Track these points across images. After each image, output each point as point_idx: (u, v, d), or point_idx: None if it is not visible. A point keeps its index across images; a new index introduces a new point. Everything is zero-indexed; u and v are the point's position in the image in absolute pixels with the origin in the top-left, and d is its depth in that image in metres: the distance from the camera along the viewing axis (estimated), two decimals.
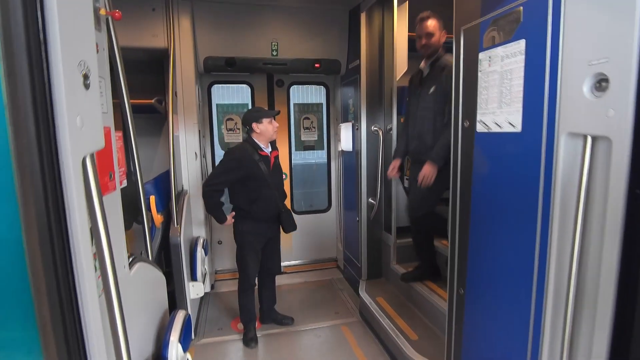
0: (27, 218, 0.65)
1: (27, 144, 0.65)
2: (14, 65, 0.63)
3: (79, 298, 0.77)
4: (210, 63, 3.63)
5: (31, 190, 0.66)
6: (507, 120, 1.68)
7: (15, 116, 0.63)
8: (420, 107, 2.85)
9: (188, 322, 2.00)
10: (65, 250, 0.74)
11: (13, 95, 0.63)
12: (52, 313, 0.69)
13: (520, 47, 1.58)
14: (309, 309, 3.72)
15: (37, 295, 0.67)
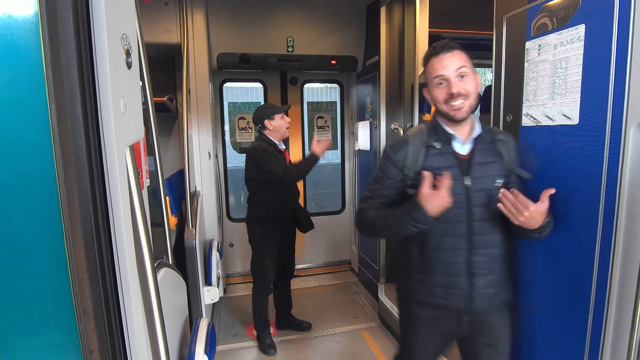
0: (71, 217, 0.52)
1: (71, 128, 0.52)
2: (58, 27, 0.50)
3: (122, 303, 0.64)
4: (223, 59, 3.52)
5: (76, 185, 0.53)
6: (561, 112, 1.55)
7: (58, 93, 0.51)
8: None
9: (212, 331, 1.87)
10: (108, 253, 0.61)
11: (55, 64, 0.50)
12: (96, 317, 0.56)
13: (579, 33, 1.45)
14: (326, 313, 3.59)
15: (80, 296, 0.54)
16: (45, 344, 0.56)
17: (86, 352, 0.55)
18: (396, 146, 1.57)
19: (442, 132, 1.53)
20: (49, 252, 0.53)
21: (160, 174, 1.82)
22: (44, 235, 0.53)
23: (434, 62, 1.47)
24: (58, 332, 0.56)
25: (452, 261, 1.50)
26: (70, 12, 0.50)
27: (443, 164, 1.49)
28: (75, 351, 0.56)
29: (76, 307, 0.54)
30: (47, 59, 0.50)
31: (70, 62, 0.51)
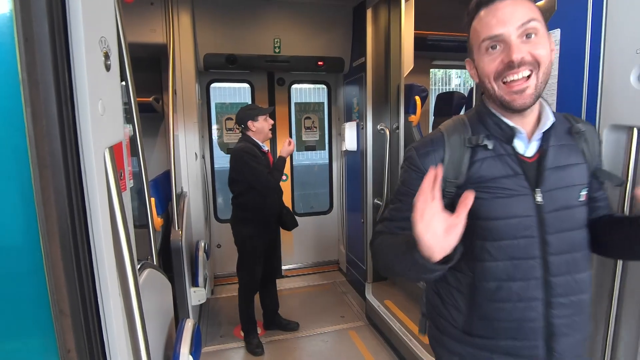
0: (47, 217, 0.53)
1: (47, 129, 0.53)
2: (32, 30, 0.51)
3: (100, 303, 0.65)
4: (210, 60, 3.50)
5: (52, 185, 0.54)
6: None
7: (33, 95, 0.51)
8: None
9: (197, 332, 1.87)
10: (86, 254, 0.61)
11: (30, 67, 0.51)
12: (73, 316, 0.57)
13: (555, 37, 1.50)
14: (314, 313, 3.60)
15: (57, 295, 0.55)
16: (21, 344, 0.56)
17: (63, 352, 0.55)
18: (425, 147, 1.05)
19: (495, 124, 1.01)
20: (24, 252, 0.54)
21: (144, 175, 1.82)
22: (19, 235, 0.54)
23: (484, 15, 0.94)
24: (35, 333, 0.56)
25: (522, 318, 0.98)
26: (46, 14, 0.51)
27: (500, 172, 0.98)
28: (52, 351, 0.56)
29: (53, 307, 0.55)
30: (22, 60, 0.50)
31: (45, 65, 0.51)
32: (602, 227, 1.05)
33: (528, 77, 0.92)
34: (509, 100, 0.95)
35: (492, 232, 0.98)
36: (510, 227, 0.97)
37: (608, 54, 1.30)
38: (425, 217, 0.77)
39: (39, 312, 0.55)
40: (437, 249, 0.78)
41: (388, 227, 1.08)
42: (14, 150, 0.52)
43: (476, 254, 1.00)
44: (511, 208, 0.97)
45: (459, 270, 1.04)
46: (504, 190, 0.97)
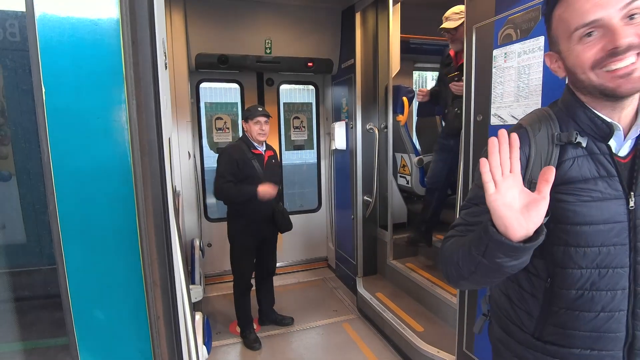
0: (146, 198, 0.61)
1: (147, 121, 0.60)
2: (137, 34, 0.59)
3: (175, 274, 0.73)
4: (202, 60, 3.53)
5: (149, 170, 0.61)
6: (525, 112, 1.74)
7: (138, 91, 0.59)
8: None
9: (207, 324, 1.94)
10: (169, 232, 0.69)
11: (136, 66, 0.59)
12: (162, 287, 0.64)
13: (539, 44, 1.66)
14: (307, 308, 3.69)
15: (151, 273, 0.62)
16: (117, 311, 0.63)
17: (154, 318, 0.63)
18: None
19: (589, 119, 0.90)
20: (124, 230, 0.61)
21: None
22: (119, 215, 0.61)
23: (573, 1, 0.83)
24: (128, 301, 0.63)
25: (604, 328, 0.91)
26: (147, 20, 0.58)
27: (592, 173, 0.89)
28: (143, 318, 0.64)
29: (146, 279, 0.62)
30: (127, 60, 0.57)
31: (146, 65, 0.59)
32: None
33: (636, 60, 0.80)
34: (613, 87, 0.82)
35: (578, 238, 0.89)
36: (599, 233, 0.88)
37: None
38: (501, 189, 0.74)
39: (133, 283, 0.62)
40: (514, 223, 0.75)
41: (460, 231, 0.99)
42: (116, 140, 0.60)
43: (558, 260, 0.92)
44: (602, 213, 0.87)
45: (534, 274, 0.98)
46: (595, 194, 0.88)
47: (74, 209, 0.60)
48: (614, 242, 0.88)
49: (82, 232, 0.60)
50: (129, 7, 0.56)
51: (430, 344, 2.63)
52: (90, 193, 0.59)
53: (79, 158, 0.59)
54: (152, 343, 0.64)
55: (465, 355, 2.30)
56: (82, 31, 0.56)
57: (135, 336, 0.65)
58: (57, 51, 0.56)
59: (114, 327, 0.64)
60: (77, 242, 0.61)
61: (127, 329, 0.65)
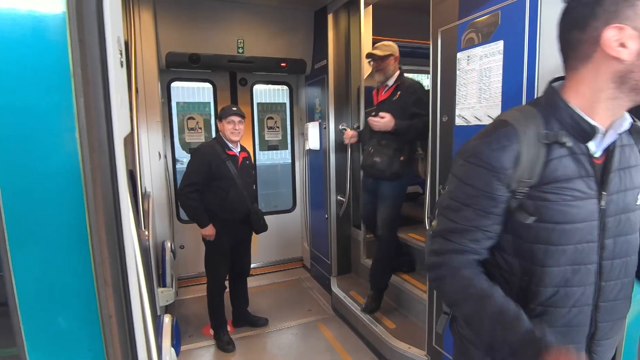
0: (95, 196, 0.60)
1: (96, 119, 0.60)
2: (84, 31, 0.58)
3: (127, 272, 0.72)
4: (172, 59, 3.47)
5: (99, 168, 0.61)
6: (487, 113, 1.83)
7: (86, 89, 0.58)
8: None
9: (176, 326, 1.90)
10: (120, 231, 0.69)
11: (84, 65, 0.58)
12: (114, 286, 0.64)
13: (498, 47, 1.74)
14: (281, 309, 3.69)
15: (102, 272, 0.62)
16: (67, 311, 0.62)
17: (105, 317, 0.62)
18: (498, 142, 0.91)
19: (574, 121, 0.91)
20: (73, 229, 0.60)
21: None
22: (68, 213, 0.60)
23: None
24: (79, 301, 0.63)
25: (573, 323, 0.97)
26: (96, 18, 0.58)
27: (574, 172, 0.91)
28: (95, 317, 0.63)
29: (97, 278, 0.61)
30: (75, 59, 0.57)
31: (95, 63, 0.58)
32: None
33: None
34: None
35: (558, 237, 0.91)
36: (577, 231, 0.91)
37: (542, 63, 1.54)
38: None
39: (84, 282, 0.62)
40: None
41: (458, 244, 0.97)
42: (64, 139, 0.59)
43: (537, 259, 0.94)
44: (580, 212, 0.90)
45: (508, 271, 1.00)
46: (577, 193, 0.90)
47: (19, 209, 0.58)
48: (587, 239, 0.92)
49: (29, 232, 0.59)
50: (76, 4, 0.56)
51: (402, 341, 2.68)
52: (36, 193, 0.58)
53: (25, 157, 0.58)
54: (105, 343, 0.63)
55: (434, 350, 2.36)
56: (25, 27, 0.56)
57: (87, 336, 0.64)
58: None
59: (65, 328, 0.63)
60: (23, 242, 0.60)
61: (78, 329, 0.64)
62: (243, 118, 2.93)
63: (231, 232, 2.99)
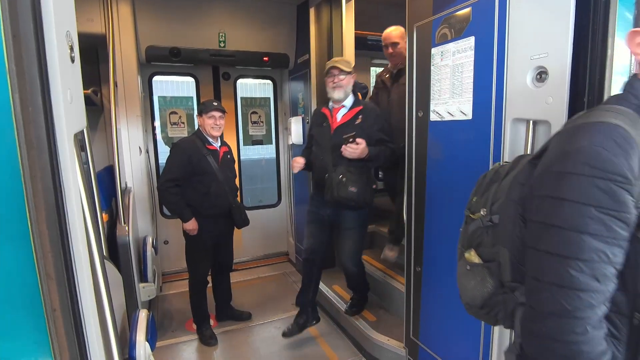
0: (35, 192, 0.60)
1: (33, 115, 0.60)
2: (19, 27, 0.58)
3: (74, 270, 0.73)
4: (152, 53, 3.43)
5: (37, 164, 0.61)
6: (459, 109, 1.85)
7: (21, 85, 0.58)
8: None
9: (152, 321, 1.91)
10: (64, 225, 0.69)
11: (18, 60, 0.58)
12: (57, 279, 0.65)
13: (470, 44, 1.76)
14: (265, 303, 3.71)
15: (45, 266, 0.62)
16: (10, 305, 0.63)
17: (49, 311, 0.63)
18: (620, 146, 0.70)
19: None
20: (13, 223, 0.60)
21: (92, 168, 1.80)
22: (8, 208, 0.60)
23: None
24: (23, 295, 0.63)
25: None
26: (30, 12, 0.58)
27: None
28: (39, 311, 0.63)
29: (39, 271, 0.62)
30: (9, 54, 0.57)
31: (31, 59, 0.58)
32: None
33: None
34: None
35: None
36: None
37: (510, 59, 1.56)
38: None
39: (27, 276, 0.62)
40: None
41: (592, 291, 0.71)
42: (1, 133, 0.59)
43: None
44: None
45: (615, 311, 0.76)
46: None
47: None
48: None
49: None
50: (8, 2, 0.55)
51: (382, 333, 2.73)
52: None
53: None
54: (50, 336, 0.64)
55: (412, 342, 2.40)
56: None
57: (33, 329, 0.64)
58: None
59: (10, 321, 0.64)
60: None
61: (23, 322, 0.64)
62: (224, 113, 2.91)
63: (212, 227, 2.98)
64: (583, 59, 1.35)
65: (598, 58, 1.31)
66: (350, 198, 2.53)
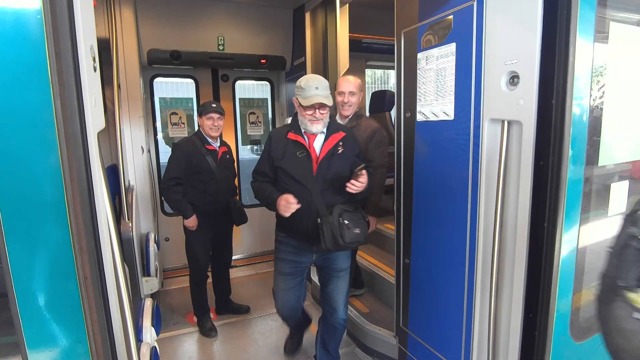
0: (72, 180, 0.74)
1: (70, 116, 0.74)
2: (60, 45, 0.72)
3: (102, 252, 0.86)
4: (154, 56, 3.56)
5: (74, 157, 0.74)
6: (443, 110, 1.99)
7: (62, 92, 0.72)
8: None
9: (157, 309, 2.04)
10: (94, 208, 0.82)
11: (60, 73, 0.71)
12: (89, 252, 0.78)
13: (451, 49, 1.90)
14: (264, 297, 3.84)
15: (78, 240, 0.76)
16: (48, 274, 0.76)
17: (82, 279, 0.76)
18: None
19: None
20: (54, 206, 0.74)
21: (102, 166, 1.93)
22: (51, 194, 0.73)
23: None
24: (59, 265, 0.76)
25: None
26: (68, 32, 0.71)
27: None
28: (72, 279, 0.77)
29: (74, 245, 0.75)
30: (52, 68, 0.70)
31: (69, 71, 0.71)
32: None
33: None
34: None
35: None
36: None
37: (486, 64, 1.70)
38: None
39: (63, 249, 0.75)
40: None
41: None
42: (44, 131, 0.72)
43: None
44: None
45: None
46: None
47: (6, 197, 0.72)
48: None
49: (18, 217, 0.72)
50: (52, 23, 0.69)
51: (374, 323, 2.86)
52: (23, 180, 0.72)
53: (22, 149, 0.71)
54: (82, 301, 0.77)
55: (402, 331, 2.54)
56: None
57: (66, 296, 0.78)
58: None
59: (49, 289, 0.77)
60: (16, 228, 0.73)
61: (58, 291, 0.78)
62: (222, 115, 3.04)
63: (211, 224, 3.11)
64: (551, 65, 1.49)
65: (562, 64, 1.44)
66: (357, 241, 2.18)
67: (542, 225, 1.57)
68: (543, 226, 1.57)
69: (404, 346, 2.53)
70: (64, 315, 0.76)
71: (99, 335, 0.80)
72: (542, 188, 1.55)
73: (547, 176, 1.53)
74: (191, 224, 3.00)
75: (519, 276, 1.63)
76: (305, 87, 2.18)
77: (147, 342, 1.69)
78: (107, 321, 0.86)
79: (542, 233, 1.57)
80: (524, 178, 1.57)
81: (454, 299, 2.02)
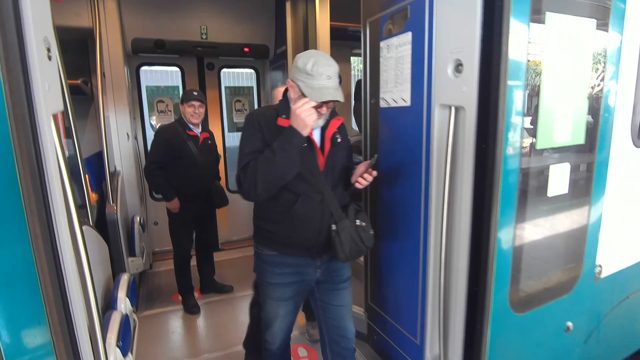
0: (22, 161, 0.86)
1: (19, 100, 0.86)
2: (7, 42, 0.84)
3: (58, 242, 0.98)
4: (138, 44, 3.65)
5: (23, 137, 0.87)
6: (401, 96, 2.10)
7: (10, 81, 0.84)
8: None
9: (133, 282, 2.18)
10: (45, 188, 0.95)
11: (7, 64, 0.83)
12: (46, 256, 0.91)
13: (408, 38, 2.00)
14: (248, 278, 3.95)
15: (34, 238, 0.88)
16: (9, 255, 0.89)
17: (33, 237, 0.89)
18: None
19: None
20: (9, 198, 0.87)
21: (78, 152, 2.06)
22: (4, 174, 0.86)
23: None
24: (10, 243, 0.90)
25: None
26: (14, 29, 0.83)
27: None
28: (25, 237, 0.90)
29: (30, 230, 0.88)
30: (0, 57, 0.82)
31: (15, 59, 0.84)
32: None
33: None
34: None
35: None
36: None
37: (436, 52, 1.80)
38: None
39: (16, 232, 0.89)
40: None
41: None
42: None
43: None
44: None
45: None
46: None
47: None
48: None
49: None
50: None
51: None
52: None
53: None
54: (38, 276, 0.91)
55: (370, 308, 2.69)
56: None
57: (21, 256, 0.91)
58: None
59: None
60: None
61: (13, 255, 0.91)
62: (203, 103, 3.15)
63: (192, 206, 3.26)
64: (490, 53, 1.59)
65: (497, 52, 1.55)
66: (372, 245, 1.89)
67: (483, 206, 1.69)
68: (482, 206, 1.68)
69: (371, 320, 2.68)
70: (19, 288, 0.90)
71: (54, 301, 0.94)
72: (484, 171, 1.66)
73: (487, 159, 1.64)
74: (173, 206, 3.14)
75: (464, 253, 1.76)
76: (313, 74, 1.60)
77: (120, 311, 1.84)
78: (62, 295, 0.99)
79: (482, 213, 1.69)
80: (467, 161, 1.68)
81: (411, 275, 2.16)
